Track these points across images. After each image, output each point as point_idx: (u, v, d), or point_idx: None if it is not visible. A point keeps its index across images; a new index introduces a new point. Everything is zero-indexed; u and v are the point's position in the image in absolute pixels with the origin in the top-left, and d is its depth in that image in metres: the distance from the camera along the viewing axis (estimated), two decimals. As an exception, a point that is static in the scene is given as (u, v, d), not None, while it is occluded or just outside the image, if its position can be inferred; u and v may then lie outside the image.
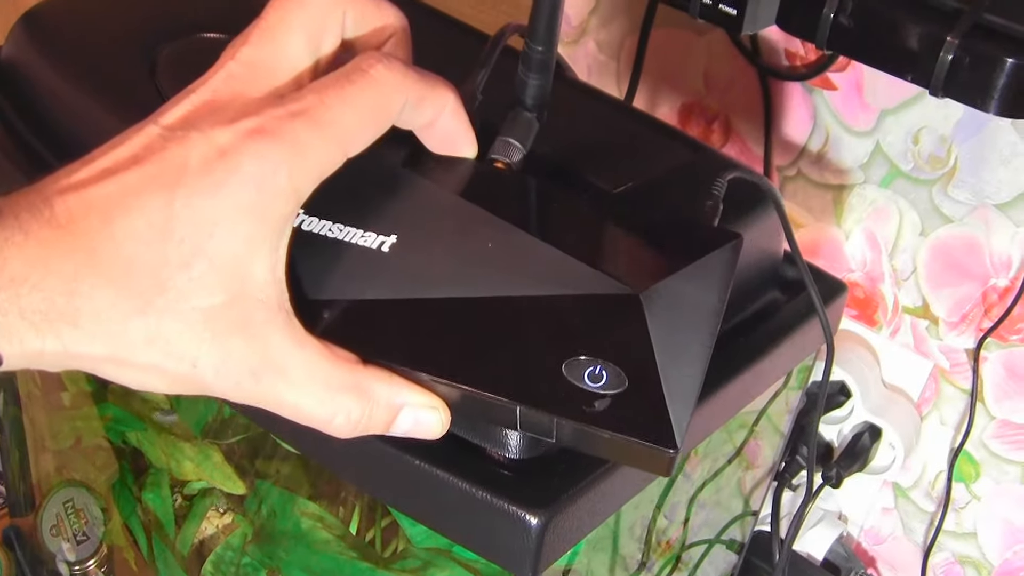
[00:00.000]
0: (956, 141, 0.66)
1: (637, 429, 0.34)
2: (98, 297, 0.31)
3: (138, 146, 0.32)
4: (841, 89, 0.69)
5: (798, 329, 0.51)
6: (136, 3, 0.56)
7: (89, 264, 0.31)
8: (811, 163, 0.72)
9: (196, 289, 0.31)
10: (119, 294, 0.31)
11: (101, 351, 0.31)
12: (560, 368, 0.34)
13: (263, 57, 0.35)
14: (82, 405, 0.65)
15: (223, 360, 0.32)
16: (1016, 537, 0.72)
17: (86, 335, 0.31)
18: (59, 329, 0.31)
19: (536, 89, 0.42)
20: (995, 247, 0.66)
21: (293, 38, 0.35)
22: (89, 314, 0.31)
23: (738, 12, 0.51)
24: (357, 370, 0.35)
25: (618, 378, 0.34)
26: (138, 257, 0.31)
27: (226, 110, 0.33)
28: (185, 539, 0.62)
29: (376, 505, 0.55)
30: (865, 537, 0.79)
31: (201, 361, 0.32)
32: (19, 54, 0.53)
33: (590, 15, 0.81)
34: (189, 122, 0.33)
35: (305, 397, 0.34)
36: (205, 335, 0.32)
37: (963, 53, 0.47)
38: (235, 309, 0.32)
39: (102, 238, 0.31)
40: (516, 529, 0.38)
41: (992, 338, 0.68)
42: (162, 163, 0.32)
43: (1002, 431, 0.70)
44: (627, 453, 0.35)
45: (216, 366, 0.32)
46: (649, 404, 0.34)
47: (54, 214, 0.31)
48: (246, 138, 0.32)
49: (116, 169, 0.32)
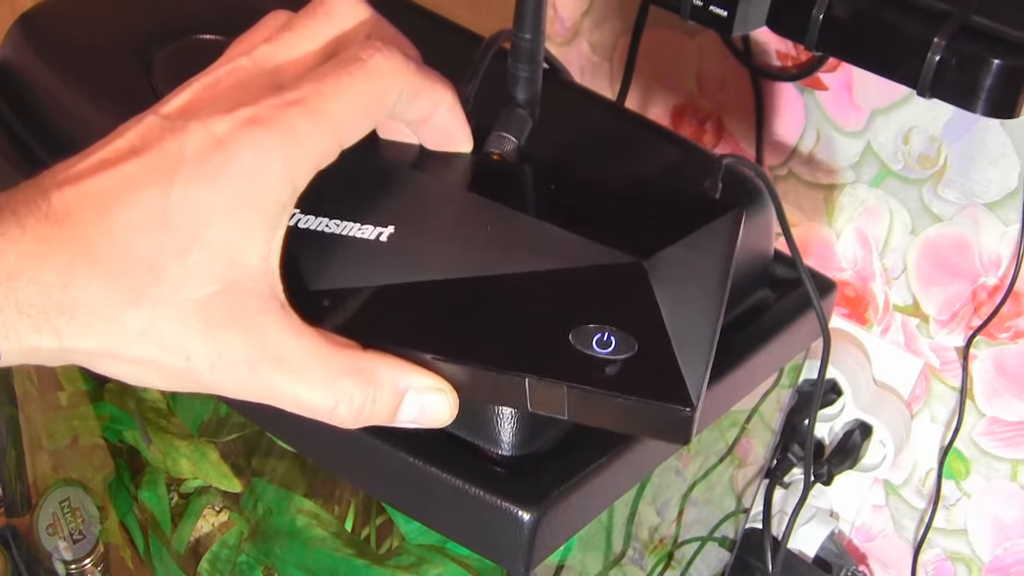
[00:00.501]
0: (946, 141, 0.66)
1: (651, 390, 0.33)
2: (93, 289, 0.31)
3: (136, 137, 0.32)
4: (832, 89, 0.70)
5: (789, 327, 0.52)
6: (133, 5, 0.56)
7: (84, 256, 0.31)
8: (802, 163, 0.73)
9: (190, 279, 0.31)
10: (113, 285, 0.31)
11: (96, 345, 0.31)
12: (567, 337, 0.34)
13: (277, 57, 0.35)
14: (79, 404, 0.65)
15: (217, 352, 0.32)
16: (1006, 534, 0.73)
17: (82, 328, 0.31)
18: (56, 323, 0.30)
19: (527, 83, 0.42)
20: (984, 246, 0.67)
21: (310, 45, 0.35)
22: (84, 306, 0.31)
23: (728, 14, 0.52)
24: (358, 355, 0.34)
25: (627, 343, 0.33)
26: (133, 247, 0.31)
27: (226, 99, 0.33)
28: (181, 537, 0.62)
29: (371, 502, 0.55)
30: (856, 534, 0.80)
31: (195, 354, 0.32)
32: (16, 56, 0.53)
33: (583, 16, 0.81)
34: (189, 111, 0.33)
35: (304, 386, 0.33)
36: (198, 326, 0.31)
37: (950, 54, 0.48)
38: (228, 299, 0.32)
39: (98, 230, 0.31)
40: (509, 525, 0.38)
41: (981, 336, 0.68)
42: (160, 153, 0.32)
43: (992, 428, 0.71)
44: (642, 419, 0.34)
45: (211, 359, 0.32)
46: (661, 365, 0.33)
47: (51, 208, 0.31)
48: (242, 127, 0.32)
49: (114, 161, 0.32)
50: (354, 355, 0.34)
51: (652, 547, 0.56)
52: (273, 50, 0.35)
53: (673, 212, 0.38)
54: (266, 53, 0.35)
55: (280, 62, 0.35)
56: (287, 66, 0.35)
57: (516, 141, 0.42)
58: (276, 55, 0.35)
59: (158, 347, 0.31)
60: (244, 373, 0.32)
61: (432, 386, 0.35)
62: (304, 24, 0.36)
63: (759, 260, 0.51)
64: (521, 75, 0.42)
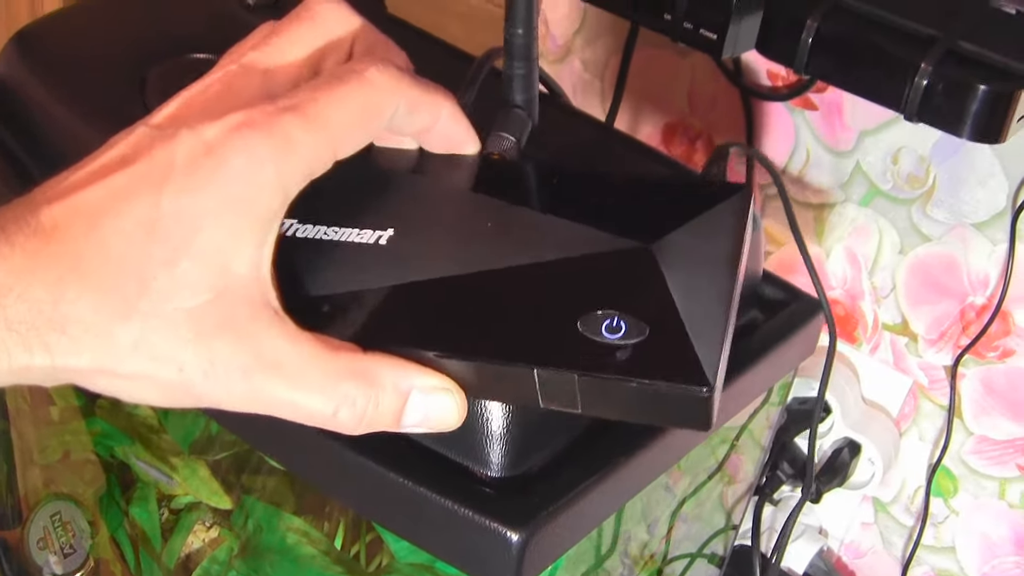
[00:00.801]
0: (934, 161, 0.67)
1: (664, 372, 0.31)
2: (83, 304, 0.30)
3: (126, 147, 0.32)
4: (822, 109, 0.71)
5: (778, 347, 0.52)
6: (127, 23, 0.56)
7: (74, 270, 0.30)
8: (792, 182, 0.74)
9: (179, 288, 0.31)
10: (104, 299, 0.30)
11: (89, 362, 0.31)
12: (575, 325, 0.32)
13: (265, 62, 0.35)
14: (70, 420, 0.65)
15: (210, 362, 0.31)
16: (993, 552, 0.73)
17: (73, 344, 0.30)
18: (46, 339, 0.30)
19: (522, 81, 0.41)
20: (972, 265, 0.67)
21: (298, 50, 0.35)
22: (75, 322, 0.30)
23: (718, 37, 0.52)
24: (358, 356, 0.33)
25: (637, 327, 0.32)
26: (123, 259, 0.30)
27: (216, 106, 0.33)
28: (172, 553, 0.63)
29: (361, 520, 0.56)
30: (845, 551, 0.80)
31: (188, 365, 0.31)
32: (11, 73, 0.53)
33: (575, 35, 0.82)
34: (179, 119, 0.32)
35: (302, 392, 0.32)
36: (189, 336, 0.31)
37: (937, 79, 0.48)
38: (219, 307, 0.31)
39: (88, 243, 0.30)
40: (498, 545, 0.38)
41: (970, 355, 0.69)
42: (150, 162, 0.31)
43: (980, 447, 0.71)
44: (659, 405, 0.32)
45: (204, 369, 0.31)
46: (674, 347, 0.32)
47: (40, 223, 0.30)
48: (233, 132, 0.31)
49: (103, 173, 0.31)
50: (354, 357, 0.33)
51: (642, 564, 0.56)
52: (260, 56, 0.35)
53: (679, 197, 0.37)
54: (254, 59, 0.35)
55: (268, 67, 0.35)
56: (276, 71, 0.35)
57: (515, 140, 0.41)
58: (264, 60, 0.35)
59: (150, 359, 0.31)
60: (238, 382, 0.32)
61: (437, 386, 0.34)
62: (290, 29, 0.36)
63: (748, 281, 0.52)
64: (517, 73, 0.41)
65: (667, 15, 0.54)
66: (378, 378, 0.33)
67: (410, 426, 0.34)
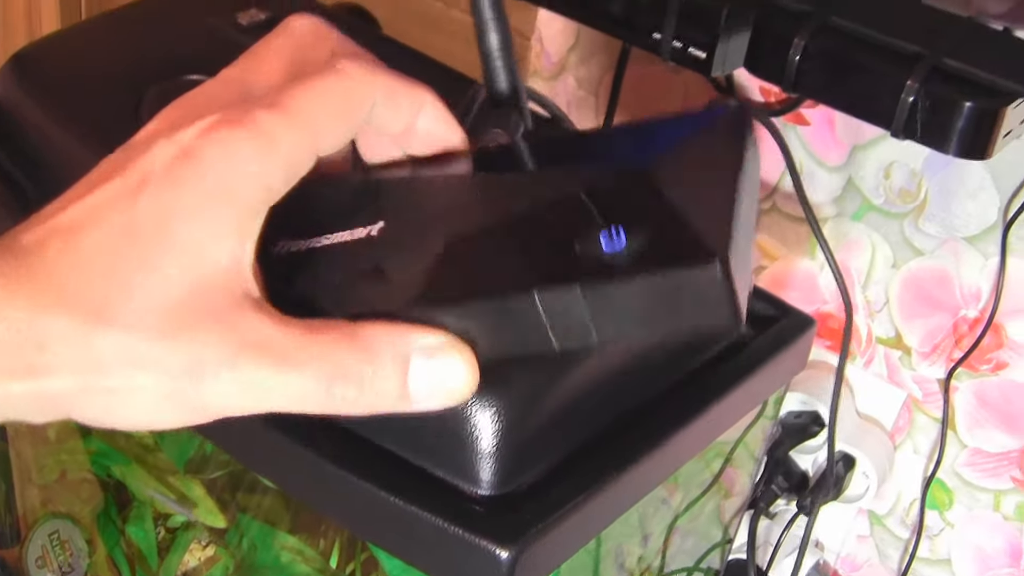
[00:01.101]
0: (926, 175, 0.67)
1: (670, 260, 0.30)
2: (59, 316, 0.29)
3: (107, 166, 0.32)
4: (814, 125, 0.71)
5: (769, 362, 0.52)
6: (124, 45, 0.57)
7: (48, 284, 0.29)
8: (785, 197, 0.74)
9: (156, 288, 0.30)
10: (79, 308, 0.29)
11: (72, 383, 0.30)
12: (572, 244, 0.31)
13: (243, 75, 0.35)
14: (67, 439, 0.66)
15: (195, 359, 0.30)
16: (988, 564, 0.73)
17: (54, 360, 0.29)
18: (29, 360, 0.29)
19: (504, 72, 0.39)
20: (965, 279, 0.68)
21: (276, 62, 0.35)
22: (53, 336, 0.29)
23: (707, 55, 0.53)
24: (348, 325, 0.31)
25: (638, 233, 0.31)
26: (97, 266, 0.30)
27: (192, 115, 0.32)
28: (168, 571, 0.63)
29: (355, 539, 0.56)
30: (841, 564, 0.80)
31: (172, 365, 0.30)
32: (8, 96, 0.54)
33: (569, 52, 0.82)
34: (157, 133, 0.32)
35: (292, 373, 0.30)
36: (170, 333, 0.30)
37: (923, 96, 0.49)
38: (199, 299, 0.30)
39: (64, 256, 0.30)
40: (488, 563, 0.39)
41: (963, 368, 0.69)
42: (127, 176, 0.31)
43: (974, 459, 0.71)
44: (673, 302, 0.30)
45: (188, 366, 0.30)
46: (679, 238, 0.30)
47: (20, 247, 0.30)
48: (209, 131, 0.31)
49: (83, 194, 0.31)
50: (343, 327, 0.31)
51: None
52: (239, 70, 0.35)
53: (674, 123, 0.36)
54: (231, 73, 0.35)
55: (246, 77, 0.35)
56: (254, 80, 0.35)
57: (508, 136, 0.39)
58: (242, 73, 0.35)
59: (133, 366, 0.30)
60: (226, 374, 0.30)
61: (439, 343, 0.31)
62: (268, 43, 0.36)
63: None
64: (495, 64, 0.39)
65: (656, 34, 0.54)
66: (372, 344, 0.31)
67: (421, 400, 0.32)
